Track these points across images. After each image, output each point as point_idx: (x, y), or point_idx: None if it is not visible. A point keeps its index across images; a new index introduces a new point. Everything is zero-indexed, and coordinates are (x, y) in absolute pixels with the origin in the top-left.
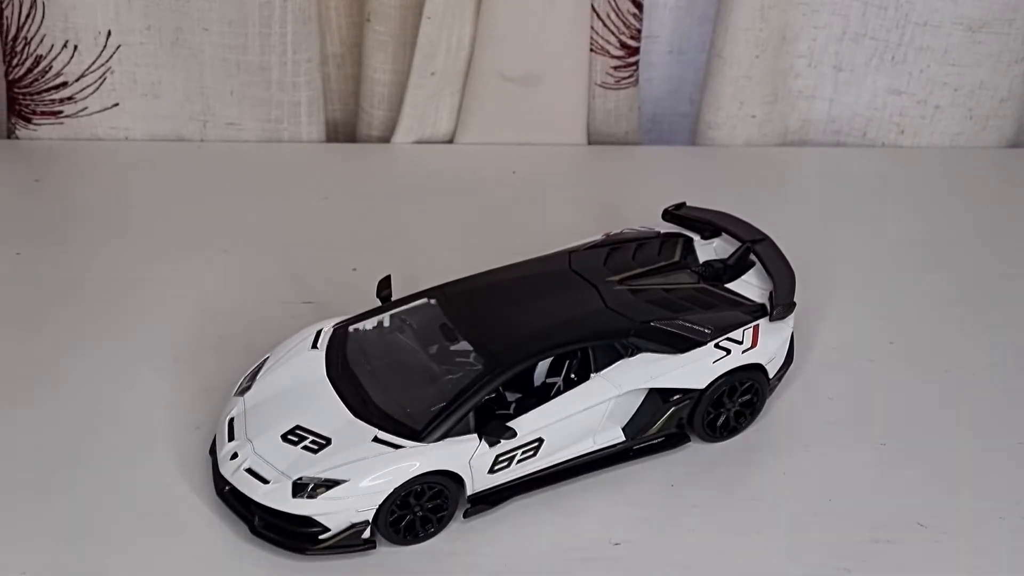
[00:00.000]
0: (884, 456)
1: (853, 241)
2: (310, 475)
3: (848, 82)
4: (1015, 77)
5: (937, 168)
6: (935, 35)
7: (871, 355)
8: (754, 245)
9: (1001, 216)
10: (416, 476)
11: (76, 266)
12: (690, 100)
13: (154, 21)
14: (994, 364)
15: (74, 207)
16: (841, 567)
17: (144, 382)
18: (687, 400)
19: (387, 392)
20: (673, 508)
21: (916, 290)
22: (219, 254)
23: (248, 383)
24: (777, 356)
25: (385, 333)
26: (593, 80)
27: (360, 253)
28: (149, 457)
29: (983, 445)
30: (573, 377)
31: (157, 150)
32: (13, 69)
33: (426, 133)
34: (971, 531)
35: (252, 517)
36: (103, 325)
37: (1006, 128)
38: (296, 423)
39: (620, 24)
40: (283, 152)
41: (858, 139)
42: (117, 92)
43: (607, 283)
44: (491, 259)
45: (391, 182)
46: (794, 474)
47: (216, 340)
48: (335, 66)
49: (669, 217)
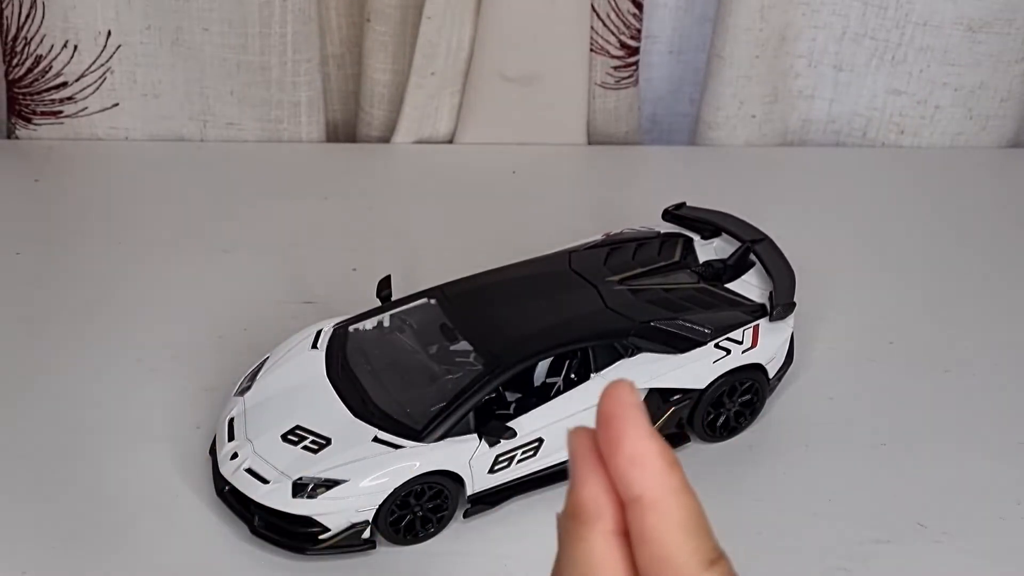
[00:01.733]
0: (884, 456)
1: (853, 241)
2: (310, 475)
3: (848, 82)
4: (1015, 77)
5: (937, 168)
6: (935, 35)
7: (871, 355)
8: (754, 245)
9: (1001, 216)
10: (416, 476)
11: (76, 266)
12: (690, 100)
13: (154, 21)
14: (994, 364)
15: (74, 207)
16: (841, 567)
17: (144, 382)
18: (687, 400)
19: (387, 392)
20: None
21: (916, 290)
22: (219, 254)
23: (248, 383)
24: (777, 356)
25: (385, 333)
26: (593, 80)
27: (360, 253)
28: (149, 457)
29: (983, 445)
30: (573, 377)
31: (157, 150)
32: (13, 69)
33: (426, 133)
34: (971, 531)
35: (252, 517)
36: (103, 325)
37: (1006, 128)
38: (296, 423)
39: (620, 24)
40: (283, 152)
41: (858, 139)
42: (117, 92)
43: (607, 283)
44: (491, 259)
45: (391, 182)
46: (794, 474)
47: (216, 340)
48: (335, 66)
49: (669, 217)
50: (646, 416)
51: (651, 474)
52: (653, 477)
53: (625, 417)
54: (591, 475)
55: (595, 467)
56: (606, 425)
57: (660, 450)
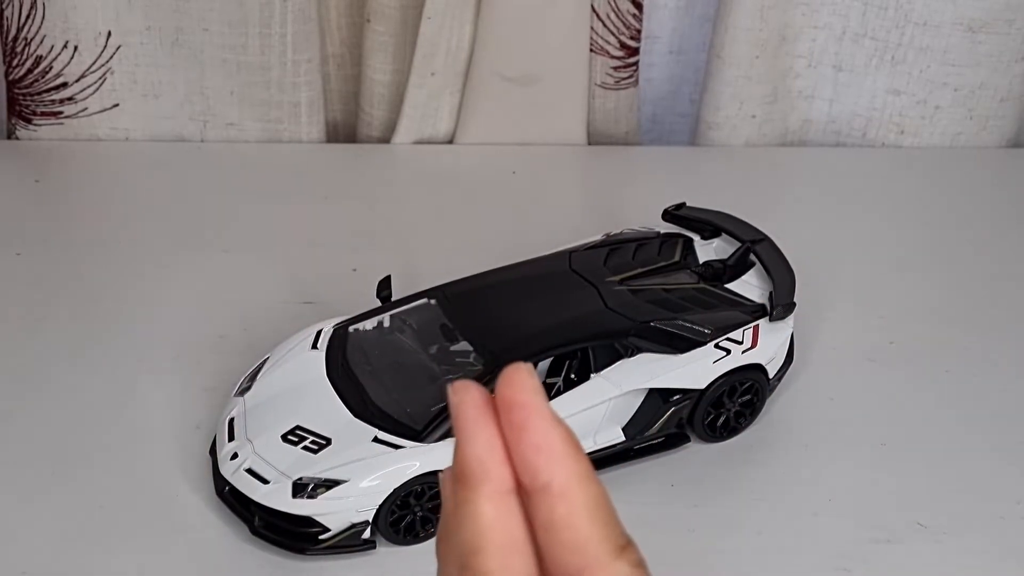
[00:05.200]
0: (884, 456)
1: (853, 241)
2: (310, 475)
3: (848, 82)
4: (1015, 77)
5: (937, 168)
6: (935, 35)
7: (871, 355)
8: (754, 245)
9: (1001, 216)
10: (416, 476)
11: (76, 266)
12: (690, 100)
13: (154, 22)
14: (994, 364)
15: (74, 207)
16: (841, 567)
17: (144, 382)
18: (687, 400)
19: (387, 392)
20: (673, 508)
21: (916, 290)
22: (219, 254)
23: (248, 383)
24: (777, 356)
25: (385, 333)
26: (593, 80)
27: (360, 253)
28: (149, 457)
29: (983, 445)
30: (573, 377)
31: (157, 150)
32: (13, 69)
33: (426, 133)
34: (971, 531)
35: (252, 517)
36: (103, 325)
37: (1006, 128)
38: (296, 423)
39: (620, 24)
40: (283, 152)
41: (858, 139)
42: (117, 92)
43: (607, 283)
44: (491, 259)
45: (391, 182)
46: (794, 474)
47: (216, 340)
48: (335, 66)
49: (669, 217)
50: (547, 401)
51: (558, 462)
52: (561, 465)
53: (528, 404)
54: (477, 434)
55: (480, 425)
56: (508, 411)
57: (565, 437)
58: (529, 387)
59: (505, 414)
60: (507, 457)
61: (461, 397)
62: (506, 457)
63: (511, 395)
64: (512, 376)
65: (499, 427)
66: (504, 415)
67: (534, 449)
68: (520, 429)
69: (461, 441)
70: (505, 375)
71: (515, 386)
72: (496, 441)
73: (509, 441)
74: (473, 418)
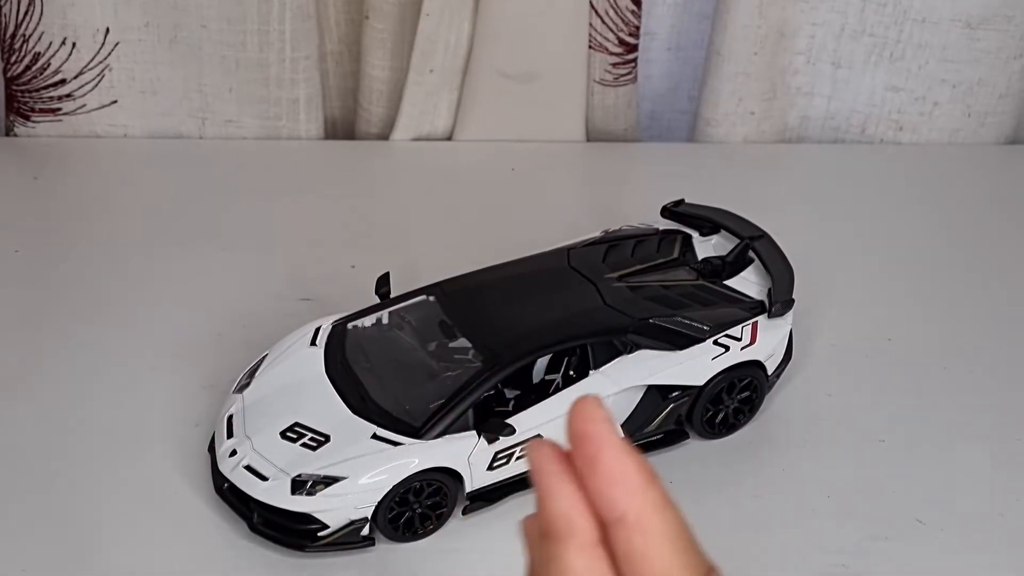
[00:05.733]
0: (883, 453)
1: (851, 238)
2: (309, 472)
3: (847, 79)
4: (1014, 74)
5: (936, 165)
6: (934, 32)
7: (870, 352)
8: (753, 242)
9: (999, 212)
10: (415, 473)
11: (75, 263)
12: (689, 97)
13: (152, 18)
14: (992, 360)
15: (72, 204)
16: (840, 564)
17: (143, 379)
18: (686, 397)
19: (386, 389)
20: None
21: (915, 287)
22: (218, 251)
23: (247, 380)
24: (776, 353)
25: (384, 330)
26: (592, 77)
27: (358, 250)
28: (148, 454)
29: (982, 442)
30: (572, 374)
31: (156, 147)
32: (11, 66)
33: (425, 130)
34: (970, 528)
35: (251, 514)
36: (102, 322)
37: (1005, 125)
38: (295, 420)
39: (619, 21)
40: (282, 149)
41: (857, 136)
42: (115, 89)
43: (606, 280)
44: (490, 256)
45: (390, 179)
46: (793, 471)
47: (215, 337)
48: (334, 63)
49: (668, 214)
50: (618, 430)
51: (632, 492)
52: (635, 495)
53: (599, 435)
54: (559, 489)
55: (560, 480)
56: (580, 444)
57: (638, 466)
58: (599, 417)
59: (577, 447)
60: (590, 508)
61: (538, 454)
62: (589, 509)
63: (582, 427)
64: (582, 407)
65: (577, 476)
66: (576, 448)
67: (608, 481)
68: (593, 462)
69: (544, 498)
70: (576, 406)
71: (585, 417)
72: (577, 495)
73: (582, 474)
74: (552, 473)
